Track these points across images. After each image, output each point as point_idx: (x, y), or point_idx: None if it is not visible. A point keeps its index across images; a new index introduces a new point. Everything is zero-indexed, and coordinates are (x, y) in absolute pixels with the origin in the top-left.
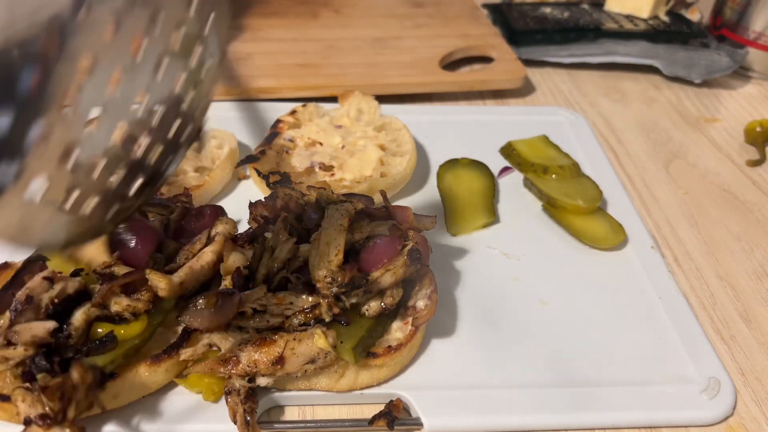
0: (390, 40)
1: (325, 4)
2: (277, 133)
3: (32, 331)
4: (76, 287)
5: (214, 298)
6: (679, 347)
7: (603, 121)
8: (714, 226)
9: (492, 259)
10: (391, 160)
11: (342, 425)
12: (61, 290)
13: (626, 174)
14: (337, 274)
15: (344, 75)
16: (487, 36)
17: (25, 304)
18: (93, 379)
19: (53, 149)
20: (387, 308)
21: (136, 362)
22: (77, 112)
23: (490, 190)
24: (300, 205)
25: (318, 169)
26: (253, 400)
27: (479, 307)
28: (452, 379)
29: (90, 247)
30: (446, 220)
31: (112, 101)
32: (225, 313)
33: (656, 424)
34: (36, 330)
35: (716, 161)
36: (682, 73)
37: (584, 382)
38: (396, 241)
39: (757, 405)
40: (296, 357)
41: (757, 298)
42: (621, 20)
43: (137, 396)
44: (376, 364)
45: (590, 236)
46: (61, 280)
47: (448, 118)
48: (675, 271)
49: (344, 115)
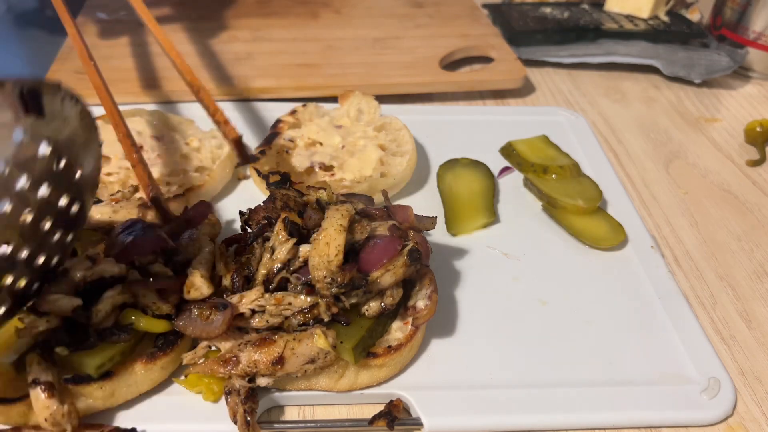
0: (390, 40)
1: (325, 4)
2: (277, 133)
3: (58, 303)
4: (115, 273)
5: (207, 311)
6: (679, 347)
7: (603, 121)
8: (714, 226)
9: (492, 259)
10: (391, 160)
11: (342, 425)
12: (97, 272)
13: (626, 174)
14: (337, 275)
15: (344, 75)
16: (487, 36)
17: (61, 276)
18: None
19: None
20: (387, 308)
21: (132, 360)
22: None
23: (490, 190)
24: (299, 204)
25: (318, 169)
26: (253, 400)
27: (479, 307)
28: (452, 379)
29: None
30: (446, 220)
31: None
32: (215, 327)
33: (656, 424)
34: (62, 304)
35: (716, 161)
36: (682, 73)
37: (584, 382)
38: (396, 241)
39: (757, 405)
40: (296, 357)
41: (757, 298)
42: (621, 20)
43: (134, 394)
44: (376, 364)
45: (590, 236)
46: (102, 263)
47: (448, 118)
48: (675, 271)
49: (344, 115)
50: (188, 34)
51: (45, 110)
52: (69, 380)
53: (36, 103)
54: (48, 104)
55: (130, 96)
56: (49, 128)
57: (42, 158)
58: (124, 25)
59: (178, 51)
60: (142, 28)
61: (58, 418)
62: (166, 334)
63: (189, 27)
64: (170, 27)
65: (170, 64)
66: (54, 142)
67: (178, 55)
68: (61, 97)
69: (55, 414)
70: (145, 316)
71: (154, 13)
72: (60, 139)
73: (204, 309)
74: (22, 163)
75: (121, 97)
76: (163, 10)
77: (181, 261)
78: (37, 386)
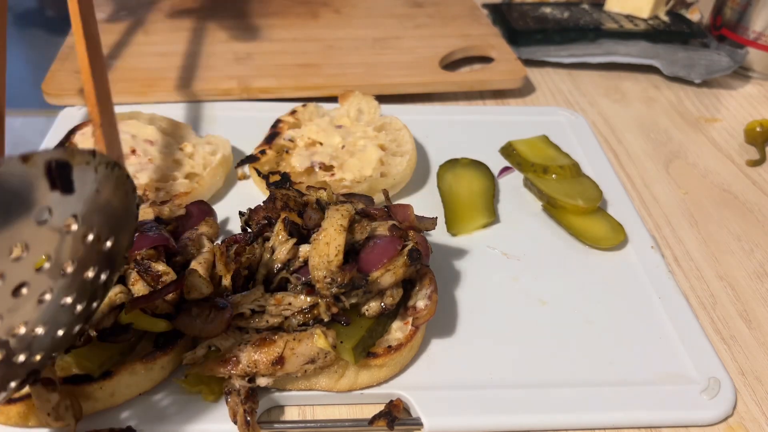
0: (390, 40)
1: (325, 4)
2: (277, 133)
3: None
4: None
5: (207, 311)
6: (679, 347)
7: (603, 121)
8: (714, 226)
9: (492, 259)
10: (391, 160)
11: (342, 425)
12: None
13: (626, 174)
14: (337, 275)
15: (344, 75)
16: (487, 36)
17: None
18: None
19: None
20: (387, 308)
21: (132, 360)
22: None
23: (490, 190)
24: (299, 204)
25: (318, 169)
26: (253, 400)
27: (479, 307)
28: (452, 379)
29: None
30: (446, 220)
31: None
32: (214, 327)
33: (656, 424)
34: None
35: (716, 161)
36: (682, 73)
37: (584, 382)
38: (396, 241)
39: (757, 405)
40: (296, 357)
41: (757, 298)
42: (621, 20)
43: (133, 394)
44: (376, 364)
45: (590, 236)
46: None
47: (448, 118)
48: (675, 271)
49: (344, 115)
50: (188, 33)
51: (75, 186)
52: (69, 380)
53: (65, 177)
54: (78, 177)
55: (129, 96)
56: (78, 203)
57: (67, 235)
58: (122, 25)
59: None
60: (141, 29)
61: (62, 411)
62: (165, 334)
63: (189, 27)
64: (170, 26)
65: (170, 65)
66: (81, 217)
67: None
68: (95, 166)
69: (57, 407)
70: (145, 315)
71: (154, 14)
72: (88, 212)
73: (204, 308)
74: (43, 242)
75: (120, 98)
76: (163, 10)
77: (180, 261)
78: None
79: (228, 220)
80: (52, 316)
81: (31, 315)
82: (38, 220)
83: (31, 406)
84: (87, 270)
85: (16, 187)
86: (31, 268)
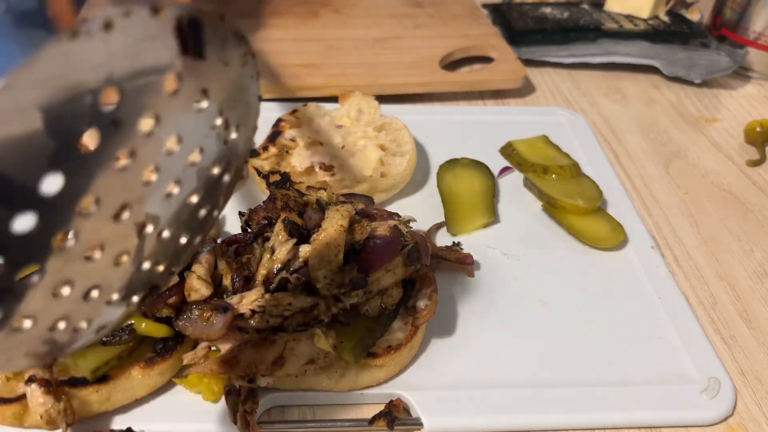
0: (390, 40)
1: (325, 4)
2: (278, 132)
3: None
4: None
5: (208, 313)
6: (679, 347)
7: (603, 121)
8: (714, 226)
9: (492, 259)
10: (391, 160)
11: (342, 425)
12: None
13: (626, 174)
14: (337, 275)
15: (344, 75)
16: (487, 36)
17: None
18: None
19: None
20: (387, 308)
21: (129, 365)
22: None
23: (490, 190)
24: (299, 204)
25: (318, 169)
26: (253, 400)
27: (479, 307)
28: (452, 379)
29: None
30: (446, 220)
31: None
32: (216, 329)
33: (656, 424)
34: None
35: (716, 161)
36: (682, 73)
37: (584, 382)
38: (396, 242)
39: (757, 405)
40: (296, 357)
41: (757, 298)
42: (621, 20)
43: (130, 399)
44: (376, 364)
45: (590, 236)
46: None
47: (448, 118)
48: (675, 271)
49: (344, 115)
50: None
51: (206, 50)
52: (65, 382)
53: (197, 39)
54: (209, 42)
55: None
56: (208, 75)
57: (199, 114)
58: None
59: None
60: None
61: (54, 415)
62: (165, 340)
63: None
64: None
65: None
66: (212, 93)
67: None
68: (224, 35)
69: (50, 411)
70: (147, 319)
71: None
72: (216, 89)
73: (205, 310)
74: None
75: None
76: None
77: None
78: (32, 383)
79: (228, 220)
80: (177, 216)
81: (159, 210)
82: (167, 90)
83: (26, 406)
84: (213, 166)
85: (146, 49)
86: (161, 148)
